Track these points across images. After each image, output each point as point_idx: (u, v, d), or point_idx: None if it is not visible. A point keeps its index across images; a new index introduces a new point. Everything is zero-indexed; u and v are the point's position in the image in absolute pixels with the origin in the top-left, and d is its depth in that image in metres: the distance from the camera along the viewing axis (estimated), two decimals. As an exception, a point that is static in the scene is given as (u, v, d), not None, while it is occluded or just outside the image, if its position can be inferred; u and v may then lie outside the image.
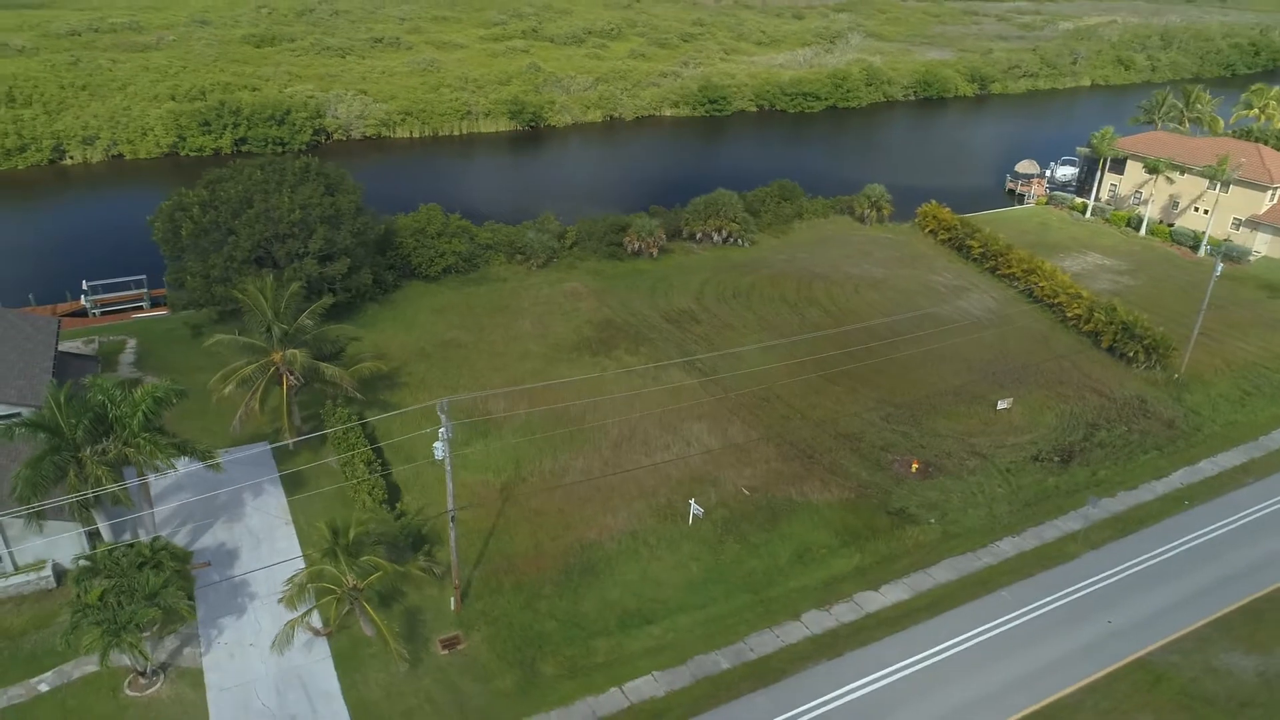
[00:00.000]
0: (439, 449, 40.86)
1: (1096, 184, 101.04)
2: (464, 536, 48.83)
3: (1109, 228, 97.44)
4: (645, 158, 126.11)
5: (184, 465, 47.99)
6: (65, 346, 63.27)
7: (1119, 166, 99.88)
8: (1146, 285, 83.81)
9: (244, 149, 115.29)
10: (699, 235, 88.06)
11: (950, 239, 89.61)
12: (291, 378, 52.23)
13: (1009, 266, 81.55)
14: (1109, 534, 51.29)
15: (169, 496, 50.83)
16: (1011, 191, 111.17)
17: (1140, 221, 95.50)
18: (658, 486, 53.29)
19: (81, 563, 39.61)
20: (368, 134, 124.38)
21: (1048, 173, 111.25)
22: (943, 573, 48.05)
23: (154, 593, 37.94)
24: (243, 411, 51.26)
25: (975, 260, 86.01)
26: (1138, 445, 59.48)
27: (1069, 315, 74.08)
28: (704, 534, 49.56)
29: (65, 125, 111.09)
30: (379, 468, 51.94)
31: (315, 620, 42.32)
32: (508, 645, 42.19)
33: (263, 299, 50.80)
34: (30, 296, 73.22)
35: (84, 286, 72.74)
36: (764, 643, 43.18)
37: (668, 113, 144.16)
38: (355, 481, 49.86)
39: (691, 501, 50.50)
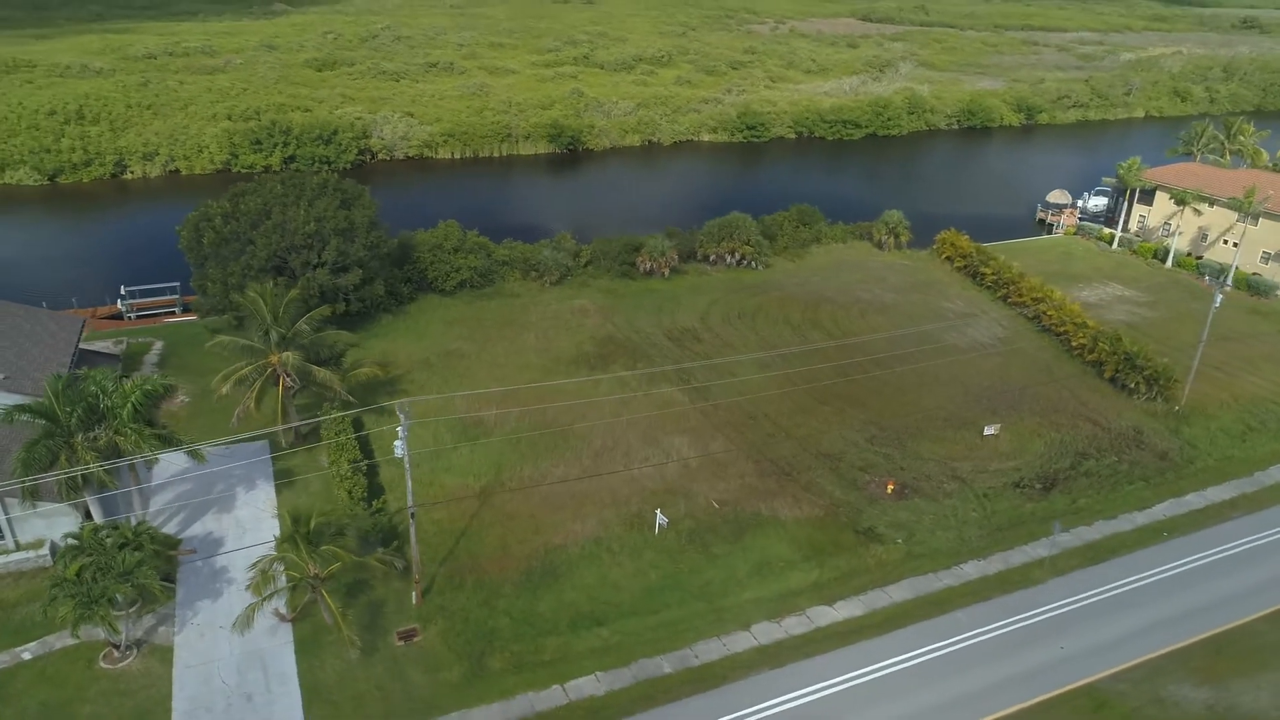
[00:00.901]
0: (399, 447, 43.06)
1: (1124, 215, 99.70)
2: (436, 535, 51.06)
3: (1135, 259, 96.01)
4: (678, 181, 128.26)
5: (182, 458, 51.17)
6: (96, 346, 67.88)
7: (1148, 198, 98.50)
8: (1165, 317, 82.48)
9: (293, 166, 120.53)
10: (712, 257, 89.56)
11: (965, 266, 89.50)
12: (288, 379, 55.19)
13: (1019, 295, 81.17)
14: (1078, 562, 51.01)
15: (169, 487, 54.16)
16: (1042, 221, 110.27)
17: (1167, 253, 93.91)
18: (631, 496, 54.71)
19: (69, 540, 42.67)
20: (410, 154, 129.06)
21: (1079, 203, 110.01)
22: (901, 591, 48.42)
23: (128, 571, 40.69)
24: (240, 410, 54.25)
25: (988, 288, 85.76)
26: (1125, 476, 58.87)
27: (1073, 344, 73.51)
28: (668, 543, 50.79)
29: (128, 142, 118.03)
30: (364, 468, 54.39)
31: (282, 606, 44.74)
32: (461, 639, 43.98)
33: (262, 304, 53.90)
34: (73, 300, 78.18)
35: (121, 291, 77.43)
36: (709, 650, 44.17)
37: (706, 138, 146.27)
38: (339, 479, 52.38)
39: (658, 511, 51.85)
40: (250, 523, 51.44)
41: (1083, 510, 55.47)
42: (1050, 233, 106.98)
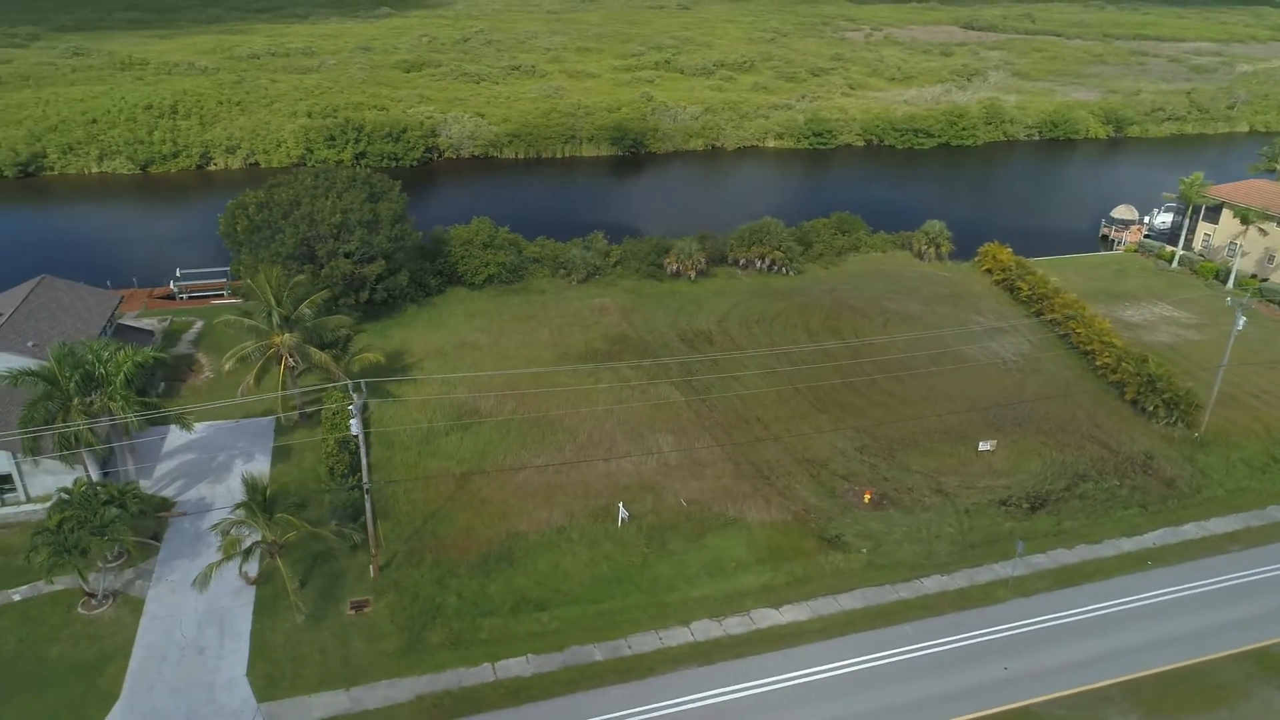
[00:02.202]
0: (353, 425, 45.33)
1: (1186, 232, 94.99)
2: (409, 514, 53.32)
3: (1193, 279, 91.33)
4: (733, 186, 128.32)
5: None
6: (141, 323, 73.12)
7: (1215, 215, 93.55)
8: (1211, 340, 78.15)
9: (363, 162, 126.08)
10: (742, 261, 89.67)
11: (1004, 280, 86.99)
12: (290, 359, 58.45)
13: (1051, 311, 78.50)
14: (1046, 584, 49.45)
15: (176, 454, 58.16)
16: (1105, 237, 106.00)
17: (1228, 274, 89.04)
18: (603, 489, 55.75)
19: (61, 495, 46.56)
20: (476, 154, 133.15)
21: (1147, 219, 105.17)
22: (851, 600, 47.97)
23: (104, 526, 44.20)
24: (243, 386, 57.74)
25: (1023, 303, 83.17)
26: (1122, 501, 56.58)
27: (1098, 364, 70.78)
28: (627, 537, 51.62)
29: (213, 135, 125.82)
30: (352, 446, 56.99)
31: (252, 570, 47.61)
32: (407, 613, 45.92)
33: (267, 287, 57.27)
34: (134, 279, 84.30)
35: (177, 274, 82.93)
36: (644, 642, 44.83)
37: (771, 144, 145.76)
38: (325, 455, 55.24)
39: (620, 505, 52.76)
40: (241, 492, 54.57)
41: (1065, 533, 53.63)
42: (1112, 249, 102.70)
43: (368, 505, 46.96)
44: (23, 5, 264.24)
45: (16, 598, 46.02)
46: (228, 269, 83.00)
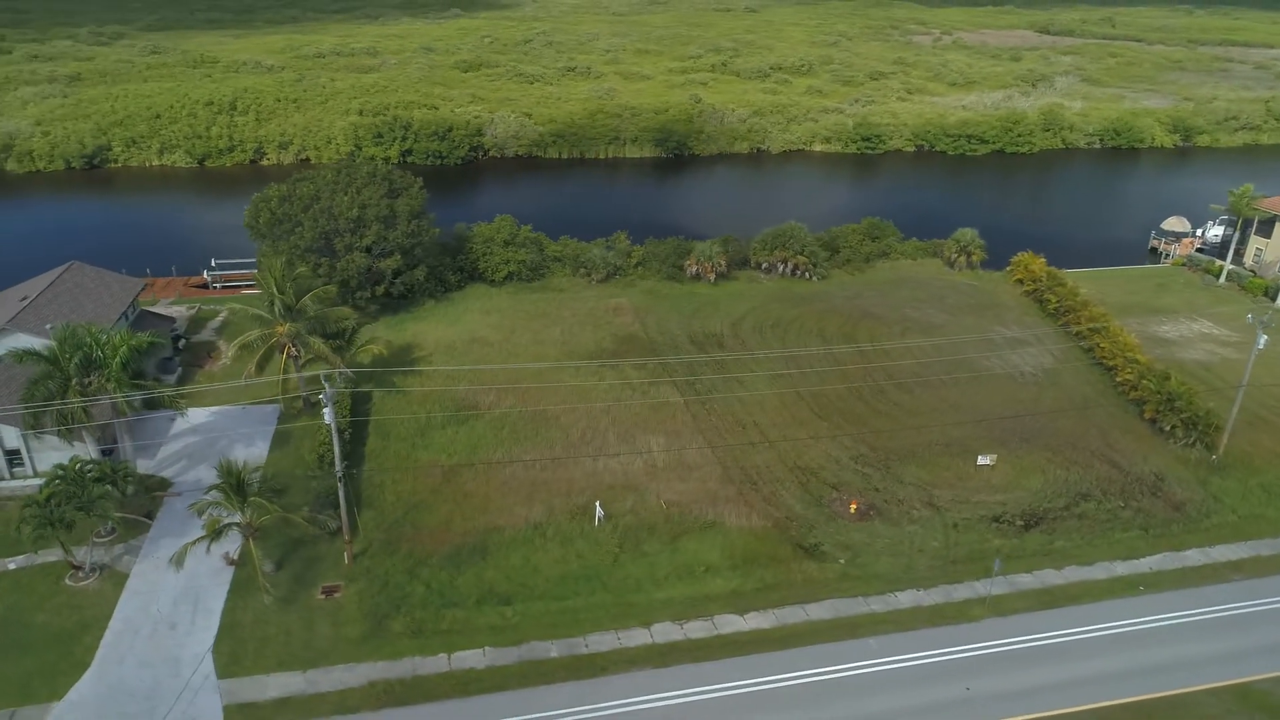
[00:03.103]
0: (326, 414, 46.36)
1: (1236, 246, 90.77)
2: (394, 504, 54.36)
3: (1240, 295, 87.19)
4: (775, 190, 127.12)
5: (202, 413, 56.90)
6: (168, 310, 76.04)
7: (1267, 229, 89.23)
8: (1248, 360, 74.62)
9: (409, 160, 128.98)
10: (765, 265, 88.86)
11: (1034, 291, 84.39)
12: (292, 349, 60.05)
13: (1077, 323, 75.87)
14: (1027, 604, 47.88)
15: (183, 436, 60.34)
16: (1154, 250, 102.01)
17: (1277, 291, 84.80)
18: (586, 488, 55.92)
19: (57, 470, 48.69)
20: (520, 153, 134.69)
21: (1200, 232, 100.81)
22: (819, 611, 47.20)
23: (90, 501, 46.12)
24: (246, 373, 59.55)
25: (1051, 315, 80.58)
26: (1123, 523, 54.40)
27: (1118, 380, 68.18)
28: (602, 536, 51.66)
29: (268, 131, 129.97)
30: (347, 436, 58.33)
31: (233, 551, 49.07)
32: (374, 601, 46.80)
33: (270, 278, 58.98)
34: (173, 268, 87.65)
35: (212, 264, 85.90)
36: (601, 641, 44.86)
37: (818, 148, 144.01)
38: (317, 444, 56.62)
39: (597, 504, 52.85)
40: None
41: (1056, 553, 51.81)
42: (1160, 262, 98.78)
43: (341, 493, 48.00)
44: (114, 5, 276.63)
45: (12, 566, 48.34)
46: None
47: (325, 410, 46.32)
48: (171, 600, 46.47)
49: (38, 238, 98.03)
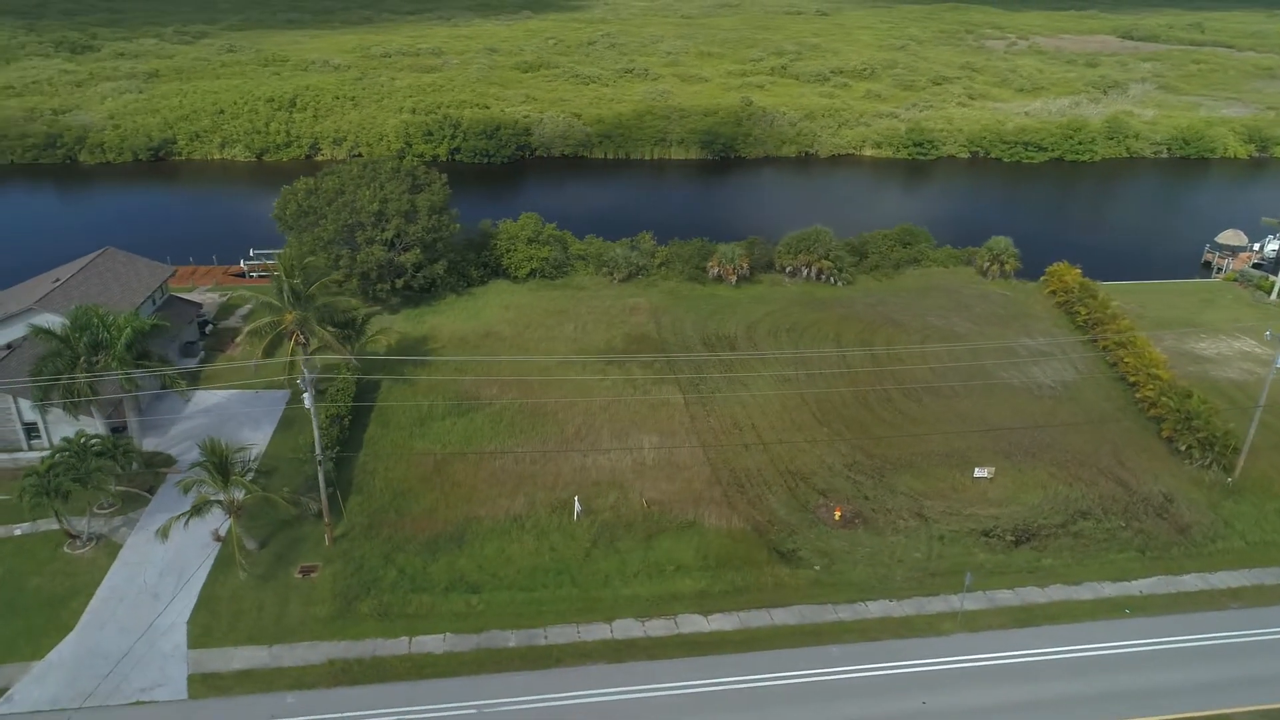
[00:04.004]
0: (306, 399, 47.77)
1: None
2: (382, 490, 55.67)
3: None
4: (819, 193, 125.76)
5: (215, 395, 59.14)
6: (202, 296, 79.20)
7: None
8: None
9: (457, 157, 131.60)
10: (789, 269, 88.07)
11: (1066, 302, 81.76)
12: (301, 336, 61.94)
13: (1105, 338, 73.26)
14: (1002, 621, 46.56)
15: (195, 416, 62.80)
16: (1207, 264, 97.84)
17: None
18: (572, 483, 56.34)
19: (63, 442, 51.24)
20: (566, 153, 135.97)
21: (1258, 246, 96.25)
22: (785, 616, 46.69)
23: (86, 474, 48.42)
24: (254, 357, 61.65)
25: (1080, 328, 77.95)
26: (1120, 543, 52.40)
27: (1138, 396, 65.67)
28: (579, 531, 52.01)
29: (323, 128, 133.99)
30: (347, 422, 59.96)
31: (222, 528, 50.91)
32: (347, 582, 48.01)
33: (281, 267, 60.96)
34: (214, 257, 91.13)
35: (250, 254, 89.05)
36: (561, 634, 45.21)
37: (868, 153, 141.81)
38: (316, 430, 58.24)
39: (575, 499, 53.23)
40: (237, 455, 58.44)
41: (1042, 570, 50.20)
42: (1211, 277, 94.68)
43: (320, 476, 49.39)
44: (204, 5, 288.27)
45: (18, 532, 51.04)
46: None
47: (305, 396, 47.70)
48: (158, 572, 48.47)
49: (97, 225, 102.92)
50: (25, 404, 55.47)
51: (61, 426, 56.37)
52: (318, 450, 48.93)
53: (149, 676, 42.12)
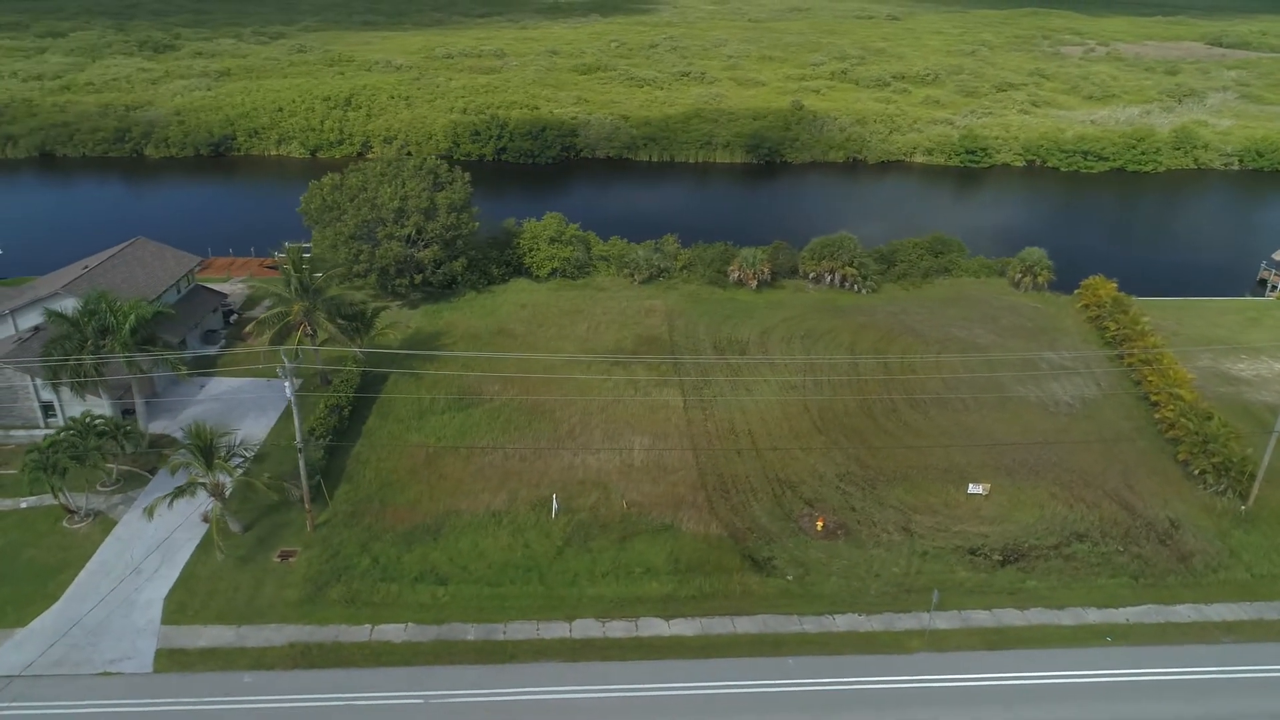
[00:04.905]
0: (286, 388, 49.02)
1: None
2: (371, 480, 56.79)
3: (1346, 336, 78.42)
4: (862, 200, 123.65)
5: (228, 381, 61.19)
6: (230, 287, 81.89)
7: (1386, 264, 79.80)
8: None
9: (503, 158, 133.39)
10: (813, 275, 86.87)
11: (1097, 317, 78.77)
12: (308, 326, 63.65)
13: (1131, 355, 70.37)
14: (971, 643, 45.09)
15: (208, 401, 64.97)
16: (1263, 281, 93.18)
17: (1387, 334, 75.78)
18: (557, 481, 56.53)
19: (69, 421, 53.61)
20: (611, 155, 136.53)
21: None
22: (749, 625, 46.05)
23: (84, 452, 50.55)
24: (259, 344, 63.49)
25: (1108, 344, 75.01)
26: (1114, 568, 50.24)
27: (1158, 417, 62.91)
28: (554, 528, 52.16)
29: (375, 126, 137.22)
30: (347, 413, 61.29)
31: (208, 510, 52.51)
32: (321, 568, 49.05)
33: (289, 260, 62.69)
34: (251, 249, 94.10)
35: (285, 246, 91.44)
36: (520, 630, 45.42)
37: (919, 160, 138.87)
38: (316, 417, 59.76)
39: (554, 497, 53.41)
40: (245, 439, 60.25)
41: (1025, 592, 48.45)
42: (1266, 294, 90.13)
43: (300, 465, 50.58)
44: (285, 7, 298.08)
45: (24, 505, 53.54)
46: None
47: (285, 384, 48.94)
48: (145, 549, 50.24)
49: (149, 215, 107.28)
50: (41, 383, 58.16)
51: (78, 407, 58.91)
52: (299, 439, 50.12)
53: (120, 649, 43.72)
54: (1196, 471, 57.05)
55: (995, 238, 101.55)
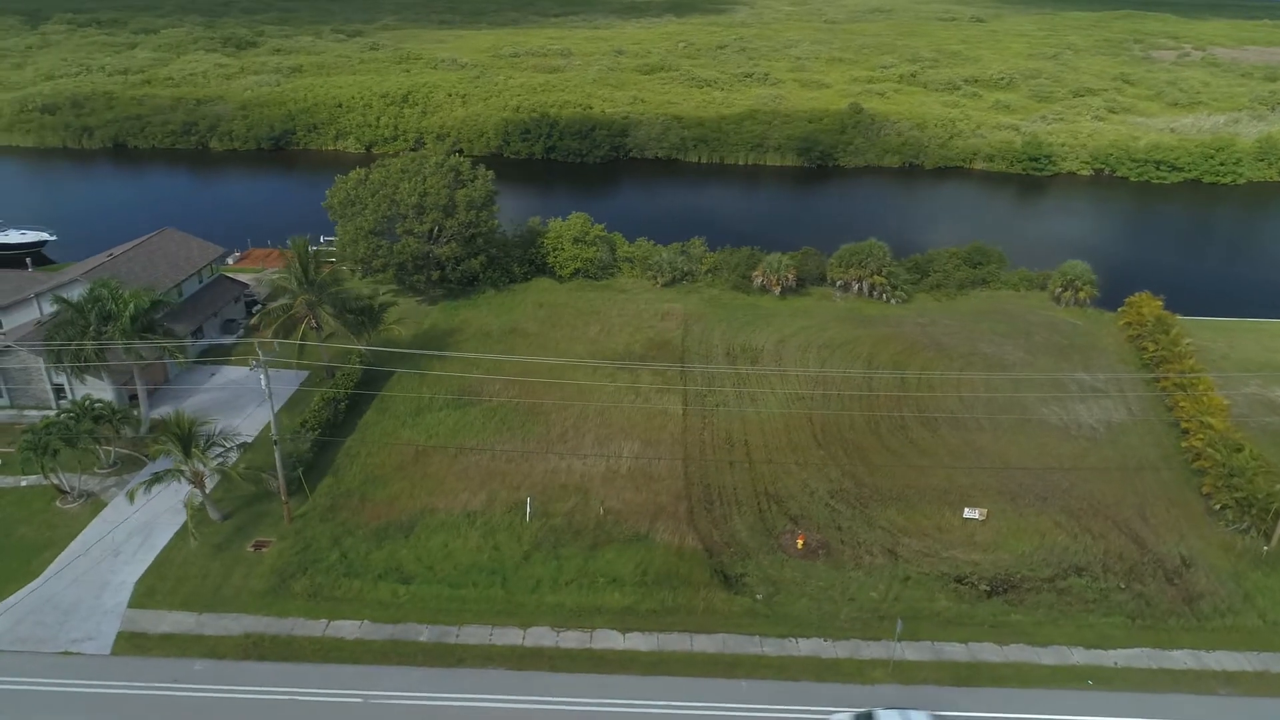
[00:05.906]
0: (262, 380, 49.44)
1: None
2: (353, 474, 57.14)
3: None
4: (913, 207, 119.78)
5: (239, 371, 62.50)
6: (260, 277, 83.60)
7: None
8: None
9: (552, 156, 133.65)
10: (840, 283, 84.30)
11: (1138, 336, 74.35)
12: (313, 320, 64.41)
13: (1166, 378, 66.11)
14: (939, 676, 42.66)
15: (215, 390, 66.41)
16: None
17: None
18: (538, 484, 55.83)
19: (64, 403, 55.28)
20: (660, 155, 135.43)
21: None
22: (707, 643, 44.51)
23: (76, 435, 52.01)
24: (262, 336, 64.46)
25: (1147, 365, 70.67)
26: (1111, 606, 47.01)
27: (1184, 445, 58.88)
28: (525, 532, 51.45)
29: (429, 123, 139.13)
30: (343, 407, 61.80)
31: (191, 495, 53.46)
32: (289, 560, 49.34)
33: (295, 254, 63.50)
34: (287, 241, 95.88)
35: (320, 240, 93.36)
36: (472, 634, 44.81)
37: (979, 166, 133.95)
38: (310, 411, 60.40)
39: (529, 500, 52.73)
40: (243, 429, 61.29)
41: (1007, 626, 45.67)
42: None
43: (277, 457, 50.95)
44: (369, 5, 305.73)
45: (24, 484, 55.37)
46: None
47: (260, 377, 49.38)
48: (128, 531, 51.39)
49: (200, 206, 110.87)
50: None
51: (82, 390, 60.78)
52: (274, 431, 50.55)
53: (84, 629, 44.68)
54: (1218, 506, 53.13)
55: (1048, 249, 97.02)
